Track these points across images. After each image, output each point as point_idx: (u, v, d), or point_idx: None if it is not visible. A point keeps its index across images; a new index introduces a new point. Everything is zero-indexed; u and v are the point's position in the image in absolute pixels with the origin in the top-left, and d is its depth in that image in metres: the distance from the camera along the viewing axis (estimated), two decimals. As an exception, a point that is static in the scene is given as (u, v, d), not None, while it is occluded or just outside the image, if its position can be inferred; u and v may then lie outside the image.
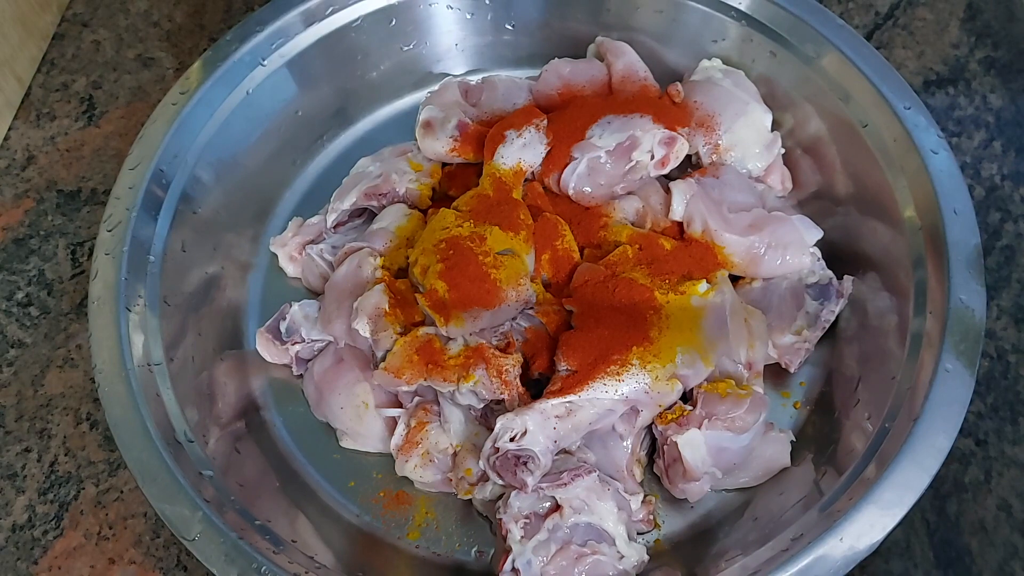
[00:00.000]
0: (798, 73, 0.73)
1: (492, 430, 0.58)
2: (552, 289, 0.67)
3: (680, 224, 0.70)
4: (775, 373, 0.67)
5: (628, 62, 0.76)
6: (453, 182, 0.75)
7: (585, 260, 0.68)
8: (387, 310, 0.63)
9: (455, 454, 0.62)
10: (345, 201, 0.72)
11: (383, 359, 0.63)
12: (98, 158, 0.85)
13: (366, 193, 0.72)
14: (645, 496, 0.62)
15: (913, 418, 0.55)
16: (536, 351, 0.64)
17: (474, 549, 0.63)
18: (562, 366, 0.61)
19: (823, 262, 0.68)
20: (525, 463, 0.57)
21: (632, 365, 0.59)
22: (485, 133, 0.72)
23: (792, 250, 0.67)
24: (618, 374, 0.59)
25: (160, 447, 0.56)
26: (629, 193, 0.71)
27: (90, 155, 0.85)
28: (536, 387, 0.63)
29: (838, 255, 0.70)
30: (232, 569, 0.52)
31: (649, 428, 0.63)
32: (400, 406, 0.65)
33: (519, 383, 0.61)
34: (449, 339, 0.63)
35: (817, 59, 0.71)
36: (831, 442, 0.63)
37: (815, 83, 0.72)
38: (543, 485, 0.57)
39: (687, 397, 0.63)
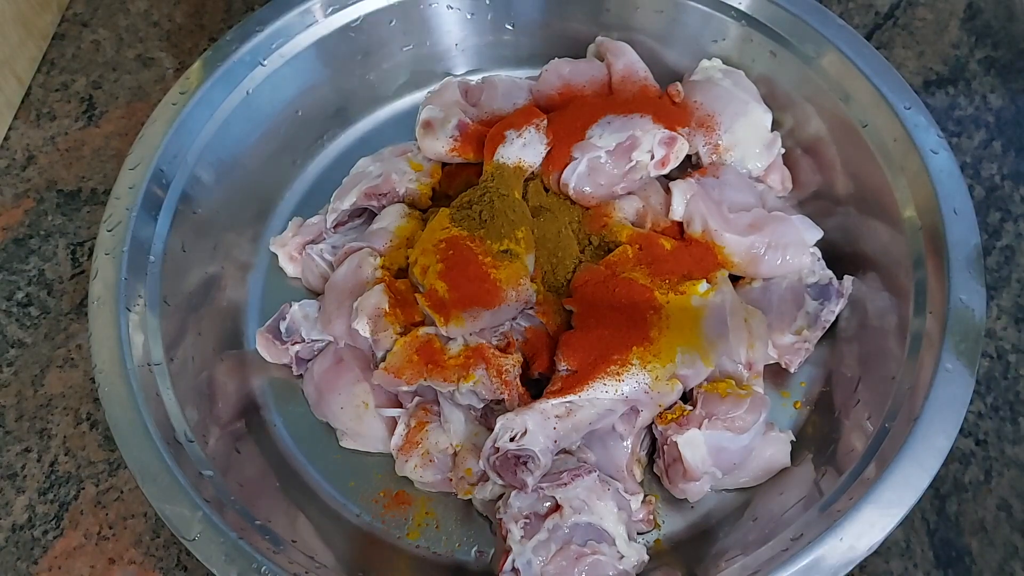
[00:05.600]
0: (798, 73, 0.73)
1: (492, 430, 0.58)
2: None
3: (680, 224, 0.70)
4: (775, 373, 0.67)
5: (628, 62, 0.76)
6: (453, 182, 0.75)
7: (585, 260, 0.68)
8: (387, 310, 0.63)
9: (455, 454, 0.62)
10: (345, 201, 0.72)
11: (383, 359, 0.63)
12: (98, 158, 0.85)
13: (366, 193, 0.72)
14: (645, 496, 0.62)
15: (913, 418, 0.55)
16: (536, 351, 0.64)
17: (474, 549, 0.63)
18: (562, 366, 0.61)
19: (823, 262, 0.68)
20: (525, 463, 0.57)
21: (632, 365, 0.59)
22: (485, 133, 0.72)
23: (792, 250, 0.67)
24: (618, 374, 0.59)
25: (160, 447, 0.56)
26: (629, 193, 0.71)
27: (90, 155, 0.85)
28: (536, 387, 0.63)
29: (838, 255, 0.70)
30: (232, 569, 0.52)
31: (649, 428, 0.63)
32: (400, 406, 0.65)
33: (519, 383, 0.61)
34: (449, 339, 0.62)
35: (817, 59, 0.71)
36: (831, 442, 0.63)
37: (815, 83, 0.72)
38: (543, 485, 0.57)
39: (687, 397, 0.63)
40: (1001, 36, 0.88)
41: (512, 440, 0.56)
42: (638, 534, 0.60)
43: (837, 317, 0.67)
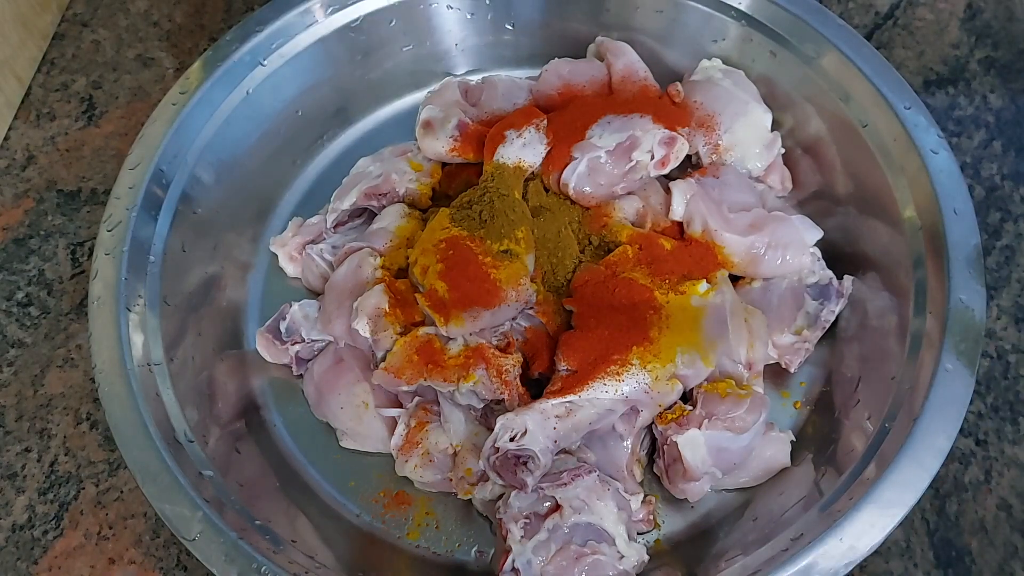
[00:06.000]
0: (798, 73, 0.73)
1: (492, 430, 0.58)
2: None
3: (680, 224, 0.70)
4: (775, 373, 0.67)
5: (628, 62, 0.76)
6: (453, 182, 0.75)
7: (585, 260, 0.68)
8: (387, 310, 0.63)
9: (455, 454, 0.62)
10: (345, 201, 0.72)
11: (383, 359, 0.63)
12: (98, 158, 0.85)
13: (366, 193, 0.72)
14: (645, 496, 0.62)
15: (913, 418, 0.55)
16: (536, 351, 0.64)
17: (474, 549, 0.63)
18: (562, 366, 0.61)
19: (823, 262, 0.68)
20: (525, 463, 0.56)
21: (632, 365, 0.59)
22: (485, 133, 0.72)
23: (792, 250, 0.67)
24: (618, 374, 0.59)
25: (160, 447, 0.56)
26: (629, 193, 0.71)
27: (90, 155, 0.85)
28: (536, 387, 0.63)
29: (838, 255, 0.70)
30: (232, 569, 0.52)
31: (649, 428, 0.63)
32: (400, 406, 0.65)
33: (519, 383, 0.61)
34: (449, 339, 0.62)
35: (817, 59, 0.71)
36: (831, 442, 0.63)
37: (815, 83, 0.72)
38: (543, 485, 0.57)
39: (687, 397, 0.63)
40: (1001, 36, 0.88)
41: (512, 440, 0.56)
42: (638, 534, 0.60)
43: (837, 317, 0.67)
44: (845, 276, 0.67)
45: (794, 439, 0.64)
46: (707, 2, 0.76)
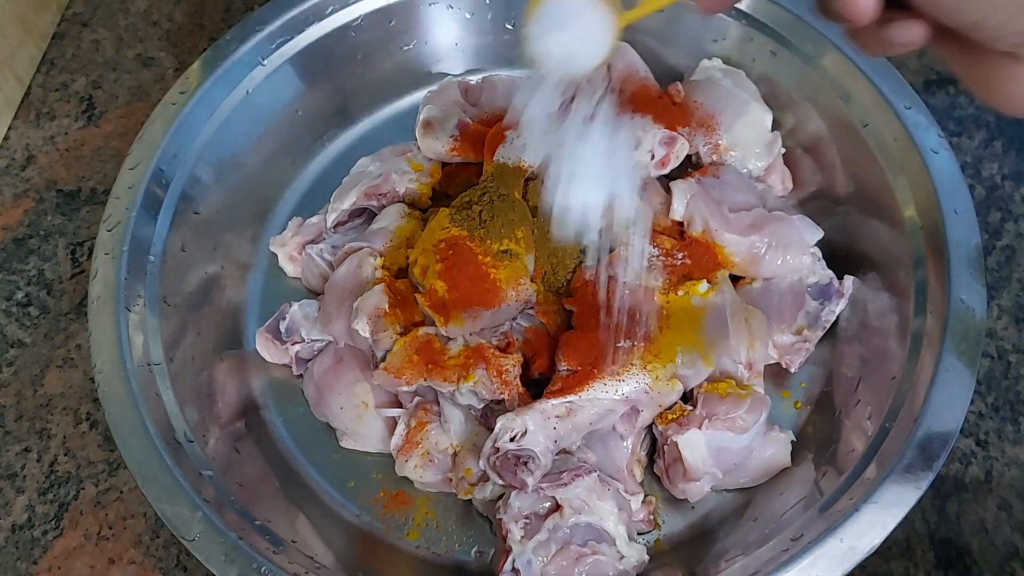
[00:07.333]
0: (798, 73, 0.73)
1: (492, 430, 0.58)
2: None
3: (680, 224, 0.70)
4: (775, 373, 0.67)
5: (628, 62, 0.76)
6: (453, 182, 0.75)
7: (585, 260, 0.68)
8: (387, 310, 0.63)
9: (455, 454, 0.62)
10: (345, 201, 0.72)
11: (383, 359, 0.63)
12: (98, 158, 0.85)
13: (366, 193, 0.72)
14: (645, 496, 0.62)
15: (913, 418, 0.55)
16: (536, 351, 0.64)
17: (474, 549, 0.63)
18: (562, 366, 0.61)
19: (823, 262, 0.68)
20: (525, 463, 0.56)
21: (632, 365, 0.59)
22: (485, 133, 0.72)
23: (792, 250, 0.67)
24: (619, 374, 0.59)
25: (160, 447, 0.56)
26: (629, 193, 0.71)
27: (90, 155, 0.85)
28: (536, 387, 0.63)
29: (838, 255, 0.70)
30: (232, 569, 0.52)
31: (649, 428, 0.63)
32: (400, 406, 0.65)
33: (519, 383, 0.61)
34: (449, 339, 0.62)
35: (817, 59, 0.71)
36: (831, 442, 0.63)
37: (815, 83, 0.72)
38: (543, 485, 0.57)
39: (687, 397, 0.63)
40: (1001, 36, 0.88)
41: (512, 440, 0.56)
42: (638, 534, 0.60)
43: (837, 317, 0.67)
44: (846, 276, 0.67)
45: (794, 439, 0.64)
46: (707, 2, 0.75)
